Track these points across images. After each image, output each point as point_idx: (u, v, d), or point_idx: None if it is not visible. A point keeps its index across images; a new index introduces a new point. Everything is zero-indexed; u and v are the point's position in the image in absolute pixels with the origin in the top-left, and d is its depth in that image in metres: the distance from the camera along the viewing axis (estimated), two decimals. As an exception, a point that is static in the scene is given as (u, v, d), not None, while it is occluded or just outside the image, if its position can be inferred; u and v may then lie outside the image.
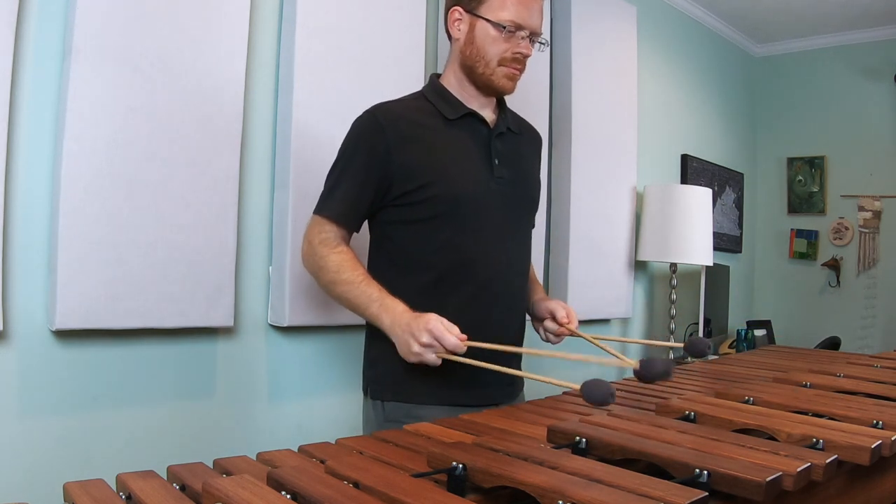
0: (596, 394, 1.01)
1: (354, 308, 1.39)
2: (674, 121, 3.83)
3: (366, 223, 1.52)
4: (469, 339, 1.27)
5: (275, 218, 2.04)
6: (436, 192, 1.41)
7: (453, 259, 1.43)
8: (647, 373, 1.13)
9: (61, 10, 1.64)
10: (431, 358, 1.27)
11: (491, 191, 1.46)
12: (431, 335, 1.25)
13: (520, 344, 1.56)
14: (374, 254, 1.52)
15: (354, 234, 1.49)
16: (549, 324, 1.55)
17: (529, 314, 1.63)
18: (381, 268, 1.46)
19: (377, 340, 1.44)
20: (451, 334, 1.25)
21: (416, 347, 1.27)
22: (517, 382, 1.58)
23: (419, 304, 1.33)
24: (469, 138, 1.47)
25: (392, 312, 1.32)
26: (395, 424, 1.36)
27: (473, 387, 1.45)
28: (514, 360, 1.55)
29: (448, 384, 1.42)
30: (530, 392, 1.64)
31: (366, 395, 1.52)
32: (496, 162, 1.47)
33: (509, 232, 1.50)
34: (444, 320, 1.27)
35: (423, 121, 1.46)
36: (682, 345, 1.42)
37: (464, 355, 1.26)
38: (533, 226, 1.68)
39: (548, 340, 1.57)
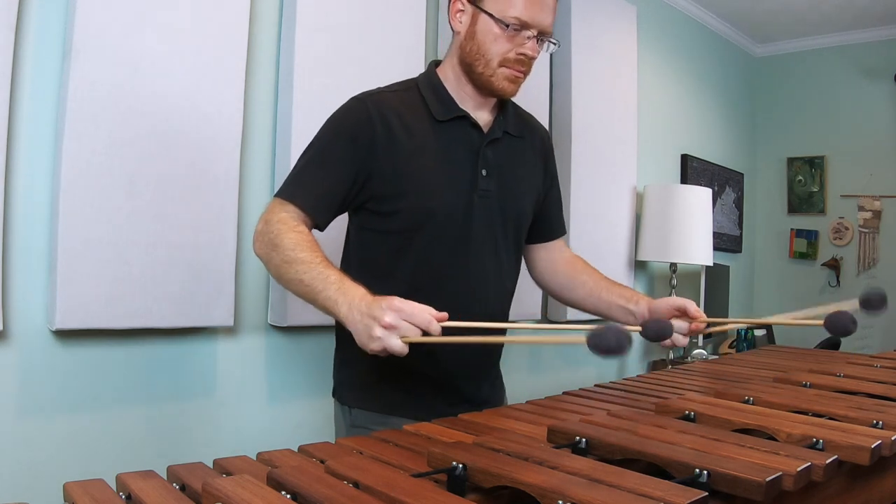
0: (605, 342, 0.89)
1: (308, 292, 1.17)
2: (674, 121, 3.83)
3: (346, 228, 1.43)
4: (446, 330, 1.07)
5: (275, 218, 2.04)
6: (407, 204, 1.30)
7: (425, 274, 1.33)
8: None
9: (61, 10, 1.64)
10: (395, 344, 1.05)
11: (472, 205, 1.34)
12: (397, 314, 1.04)
13: (494, 368, 1.49)
14: (346, 257, 1.43)
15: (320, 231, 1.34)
16: (679, 323, 1.32)
17: (634, 321, 1.40)
18: (352, 272, 1.34)
19: (346, 342, 1.31)
20: (422, 310, 1.06)
21: (377, 331, 1.05)
22: (495, 395, 1.50)
23: None
24: (457, 145, 1.35)
25: (350, 296, 1.11)
26: (362, 430, 1.30)
27: (445, 398, 1.35)
28: (489, 376, 1.48)
29: (415, 395, 1.34)
30: (530, 393, 1.64)
31: (334, 396, 1.45)
32: (483, 173, 1.35)
33: (488, 249, 1.37)
34: (411, 301, 1.07)
35: (411, 121, 1.33)
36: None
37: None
38: (564, 231, 1.58)
39: (675, 344, 1.31)
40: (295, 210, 1.26)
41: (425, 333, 1.06)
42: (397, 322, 1.04)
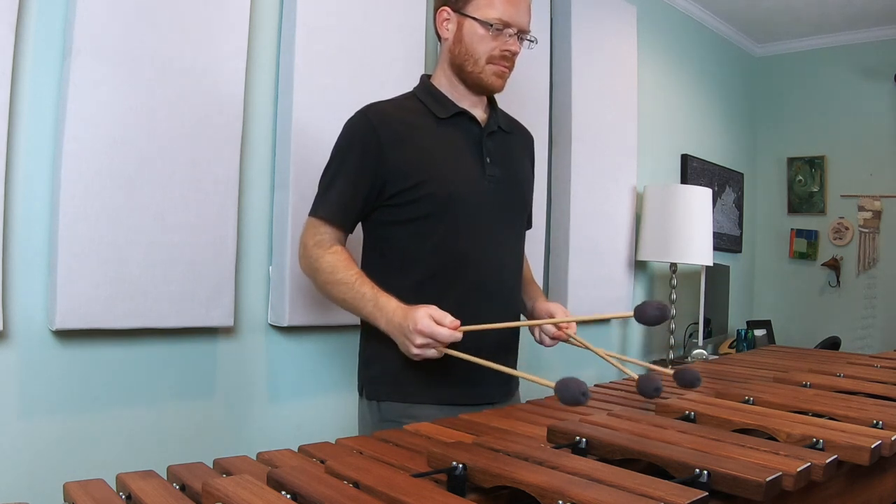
0: (568, 393, 1.05)
1: (351, 308, 1.39)
2: (674, 121, 3.83)
3: (359, 224, 1.51)
4: (462, 327, 1.27)
5: (275, 218, 2.04)
6: (428, 191, 1.41)
7: (446, 258, 1.44)
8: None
9: (61, 10, 1.64)
10: (432, 353, 1.27)
11: (483, 189, 1.46)
12: (423, 335, 1.25)
13: (514, 343, 1.56)
14: (367, 253, 1.52)
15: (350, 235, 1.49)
16: (546, 326, 1.54)
17: (526, 315, 1.64)
18: (375, 267, 1.46)
19: (372, 340, 1.45)
20: (442, 327, 1.25)
21: (414, 350, 1.27)
22: (513, 381, 1.58)
23: (411, 302, 1.32)
24: (461, 137, 1.48)
25: (386, 312, 1.32)
26: (392, 424, 1.36)
27: (469, 385, 1.45)
28: (511, 356, 1.56)
29: (444, 383, 1.42)
30: (529, 393, 1.64)
31: (361, 394, 1.52)
32: (488, 160, 1.48)
33: (502, 231, 1.50)
34: (434, 310, 1.27)
35: (415, 120, 1.46)
36: (671, 371, 1.43)
37: (463, 346, 1.27)
38: (530, 226, 1.68)
39: (542, 342, 1.55)
40: (326, 227, 1.43)
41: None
42: (426, 342, 1.26)
